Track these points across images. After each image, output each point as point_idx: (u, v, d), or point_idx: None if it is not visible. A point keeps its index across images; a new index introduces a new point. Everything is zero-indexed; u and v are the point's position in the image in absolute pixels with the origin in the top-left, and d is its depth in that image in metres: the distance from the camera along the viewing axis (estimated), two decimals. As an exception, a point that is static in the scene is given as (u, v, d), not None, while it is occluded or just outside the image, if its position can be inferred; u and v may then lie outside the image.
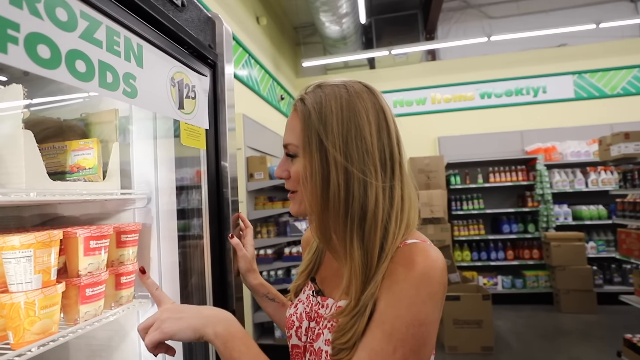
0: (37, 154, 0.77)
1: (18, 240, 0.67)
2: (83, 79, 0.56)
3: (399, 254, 0.60)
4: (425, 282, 0.56)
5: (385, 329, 0.56)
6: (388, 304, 0.57)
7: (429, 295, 0.56)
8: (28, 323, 0.68)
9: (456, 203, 4.97)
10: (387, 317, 0.56)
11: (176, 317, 0.62)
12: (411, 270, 0.57)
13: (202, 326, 0.61)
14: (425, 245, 0.60)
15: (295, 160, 0.70)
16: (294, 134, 0.69)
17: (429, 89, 5.69)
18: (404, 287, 0.56)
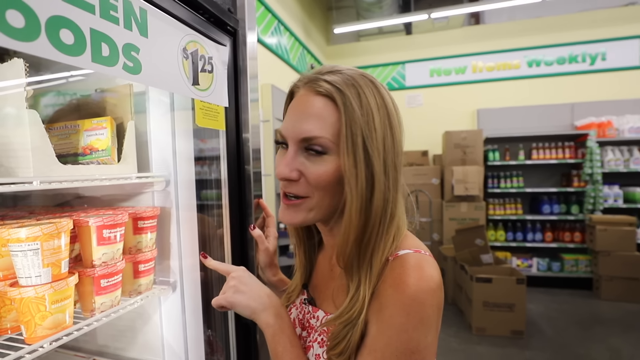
0: (44, 135, 0.71)
1: (24, 232, 0.62)
2: (71, 53, 0.47)
3: (389, 271, 0.55)
4: (415, 308, 0.51)
5: (377, 357, 0.53)
6: (378, 330, 0.54)
7: (421, 321, 0.51)
8: (39, 318, 0.65)
9: (493, 180, 4.68)
10: (377, 344, 0.53)
11: (240, 289, 0.65)
12: (401, 294, 0.52)
13: (259, 311, 0.63)
14: (420, 260, 0.55)
15: (321, 159, 0.57)
16: (324, 125, 0.56)
17: (470, 56, 5.24)
18: (393, 312, 0.52)
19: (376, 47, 5.64)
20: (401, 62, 5.51)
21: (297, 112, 0.58)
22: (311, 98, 0.57)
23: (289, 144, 0.59)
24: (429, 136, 5.23)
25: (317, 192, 0.58)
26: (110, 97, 0.93)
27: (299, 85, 0.61)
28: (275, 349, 0.62)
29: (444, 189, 4.61)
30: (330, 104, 0.56)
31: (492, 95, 5.16)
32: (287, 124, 0.59)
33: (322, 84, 0.57)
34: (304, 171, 0.57)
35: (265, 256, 0.86)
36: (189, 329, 0.98)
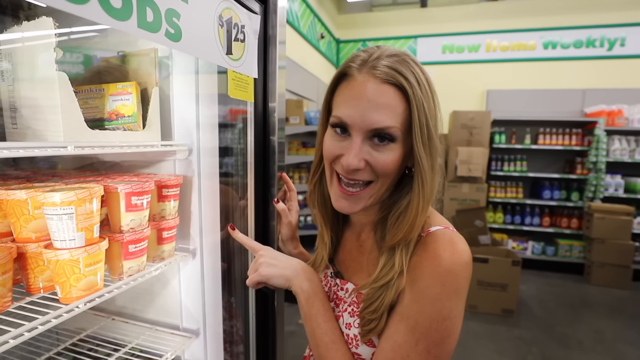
0: (73, 99, 0.70)
1: (59, 197, 0.63)
2: (119, 17, 0.45)
3: (423, 246, 0.59)
4: (450, 279, 0.55)
5: (409, 323, 0.57)
6: (412, 299, 0.57)
7: (455, 291, 0.56)
8: (74, 280, 0.66)
9: (497, 163, 4.69)
10: (411, 311, 0.57)
11: (271, 262, 0.69)
12: (437, 266, 0.56)
13: (293, 278, 0.67)
14: (452, 236, 0.59)
15: (388, 147, 0.58)
16: (394, 115, 0.56)
17: (484, 34, 5.08)
18: (429, 283, 0.56)
19: (389, 19, 5.44)
20: (414, 35, 5.34)
21: (364, 101, 0.56)
22: (378, 86, 0.56)
23: (354, 133, 0.58)
24: (436, 115, 5.15)
25: (381, 178, 0.60)
26: (134, 61, 0.91)
27: (355, 68, 0.59)
28: (309, 311, 0.65)
29: (447, 169, 4.61)
30: (399, 94, 0.56)
31: (504, 76, 5.06)
32: (353, 112, 0.57)
33: (386, 71, 0.56)
34: (370, 160, 0.59)
35: (288, 229, 0.88)
36: (207, 295, 1.01)
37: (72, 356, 0.98)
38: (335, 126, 0.61)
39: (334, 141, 0.62)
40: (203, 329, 1.02)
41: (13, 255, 0.64)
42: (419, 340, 0.56)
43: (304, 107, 3.26)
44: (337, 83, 0.63)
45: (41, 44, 0.68)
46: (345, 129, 0.60)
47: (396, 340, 0.57)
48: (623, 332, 3.10)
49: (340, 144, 0.60)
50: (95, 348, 1.02)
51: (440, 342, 0.56)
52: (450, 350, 0.57)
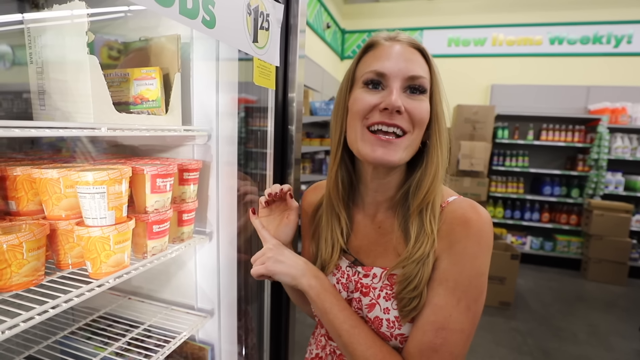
0: (103, 83, 0.72)
1: (92, 176, 0.65)
2: (164, 4, 0.47)
3: (448, 214, 0.63)
4: (483, 237, 0.60)
5: (449, 285, 0.60)
6: (451, 262, 0.60)
7: (487, 247, 0.61)
8: (104, 256, 0.69)
9: (499, 158, 4.71)
10: (450, 274, 0.60)
11: (279, 259, 0.69)
12: (470, 228, 0.60)
13: (299, 276, 0.68)
14: (471, 201, 0.64)
15: (421, 98, 0.63)
16: (422, 68, 0.62)
17: (491, 27, 5.05)
18: (466, 245, 0.60)
19: (395, 10, 5.40)
20: (420, 27, 5.31)
21: (397, 55, 0.62)
22: (405, 47, 0.63)
23: (391, 83, 0.61)
24: (440, 108, 5.16)
25: (416, 129, 0.63)
26: (156, 46, 0.92)
27: (382, 38, 0.66)
28: (323, 305, 0.66)
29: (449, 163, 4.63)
30: (421, 55, 0.64)
31: (509, 71, 5.05)
32: (386, 64, 0.61)
33: (409, 39, 0.64)
34: (408, 107, 0.61)
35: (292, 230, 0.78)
36: (222, 277, 1.05)
37: (89, 334, 1.02)
38: (368, 83, 0.64)
39: (368, 94, 0.63)
40: (217, 309, 1.06)
41: (46, 231, 0.66)
42: (460, 299, 0.59)
43: (309, 97, 3.26)
44: (363, 54, 0.67)
45: (72, 27, 0.70)
46: (379, 83, 0.63)
47: (437, 304, 0.60)
48: (617, 325, 3.17)
49: (376, 95, 0.63)
50: (111, 325, 1.05)
51: (477, 298, 0.60)
52: (483, 305, 0.61)
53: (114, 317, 1.10)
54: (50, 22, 0.72)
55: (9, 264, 0.61)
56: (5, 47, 0.97)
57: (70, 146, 1.13)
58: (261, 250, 0.72)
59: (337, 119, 0.70)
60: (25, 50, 0.77)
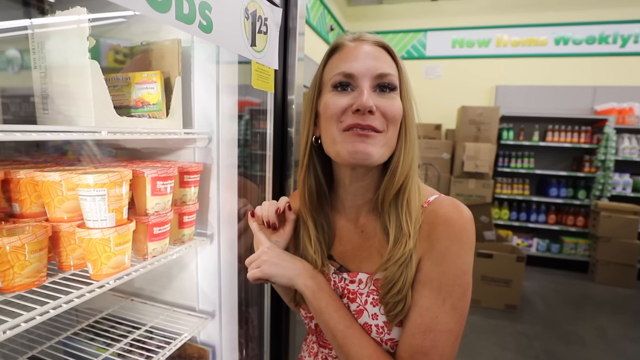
0: (104, 87, 0.73)
1: (92, 179, 0.66)
2: (159, 9, 0.48)
3: (430, 213, 0.63)
4: (465, 235, 0.60)
5: (434, 286, 0.60)
6: (434, 263, 0.60)
7: (469, 246, 0.61)
8: (105, 258, 0.70)
9: (504, 159, 4.68)
10: (433, 275, 0.60)
11: (274, 262, 0.69)
12: (451, 227, 0.60)
13: (295, 277, 0.68)
14: (452, 200, 0.64)
15: (391, 96, 0.62)
16: (390, 66, 0.62)
17: (495, 28, 5.03)
18: (447, 244, 0.60)
19: (398, 12, 5.41)
20: (423, 29, 5.30)
21: (363, 54, 0.62)
22: (371, 46, 0.63)
23: (360, 83, 0.61)
24: (444, 110, 5.15)
25: (391, 126, 0.62)
26: (157, 50, 0.94)
27: (347, 39, 0.66)
28: (319, 305, 0.65)
29: (454, 165, 4.62)
30: (388, 54, 0.64)
31: (514, 72, 5.01)
32: (354, 64, 0.61)
33: (375, 38, 0.64)
34: (380, 105, 0.61)
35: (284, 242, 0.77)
36: (223, 278, 1.05)
37: (92, 335, 1.03)
38: (336, 85, 0.63)
39: (338, 97, 0.62)
40: (219, 311, 1.06)
41: (49, 233, 0.68)
42: (445, 299, 0.59)
43: (313, 99, 3.27)
44: (329, 57, 0.66)
45: (74, 33, 0.71)
46: (348, 85, 0.62)
47: (423, 306, 0.60)
48: (626, 329, 3.12)
49: (347, 97, 0.62)
50: (114, 327, 1.06)
51: (462, 297, 0.59)
52: (469, 303, 0.61)
53: (117, 319, 1.11)
54: (53, 27, 0.74)
55: (12, 265, 0.62)
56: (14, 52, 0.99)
57: (75, 149, 1.15)
58: (256, 253, 0.72)
59: (305, 125, 0.69)
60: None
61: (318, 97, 0.67)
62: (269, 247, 0.72)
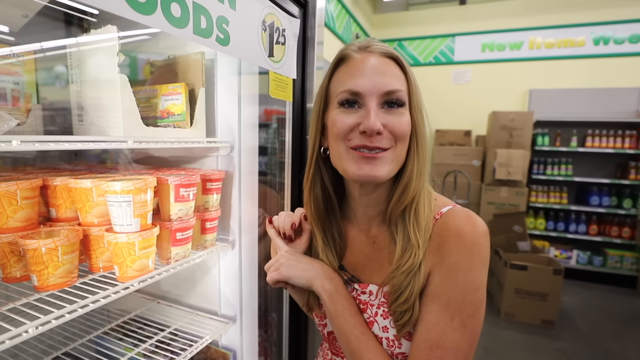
0: (132, 100, 0.77)
1: (119, 186, 0.70)
2: (178, 25, 0.51)
3: (441, 225, 0.61)
4: (477, 250, 0.57)
5: (442, 301, 0.58)
6: (443, 277, 0.58)
7: (482, 262, 0.58)
8: (130, 261, 0.74)
9: (539, 166, 4.46)
10: (442, 289, 0.58)
11: (292, 264, 0.69)
12: (463, 240, 0.58)
13: (313, 278, 0.67)
14: (466, 211, 0.61)
15: (400, 112, 0.60)
16: (399, 81, 0.60)
17: (528, 30, 4.85)
18: (458, 258, 0.57)
19: (426, 17, 5.34)
20: (451, 34, 5.20)
21: (370, 70, 0.59)
22: (379, 58, 0.60)
23: (367, 101, 0.59)
24: (474, 115, 5.00)
25: (399, 143, 0.60)
26: (183, 63, 0.99)
27: (352, 51, 0.63)
28: (335, 309, 0.65)
29: (485, 172, 4.46)
30: (397, 65, 0.61)
31: (548, 75, 4.79)
32: (362, 80, 0.59)
33: (383, 49, 0.61)
34: (388, 124, 0.59)
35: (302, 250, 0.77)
36: (244, 284, 1.07)
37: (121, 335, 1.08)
38: (343, 103, 0.61)
39: (345, 115, 0.60)
40: (240, 316, 1.08)
41: (80, 236, 0.72)
42: (454, 315, 0.56)
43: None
44: (335, 69, 0.64)
45: (106, 49, 0.76)
46: (354, 102, 0.60)
47: (429, 321, 0.57)
48: (680, 352, 2.85)
49: (353, 115, 0.60)
50: (142, 328, 1.11)
51: (473, 314, 0.57)
52: (482, 321, 0.58)
53: (144, 320, 1.16)
54: (88, 45, 0.80)
55: (46, 266, 0.67)
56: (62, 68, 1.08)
57: (109, 157, 1.22)
58: (274, 257, 0.72)
59: (312, 136, 0.68)
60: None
61: (325, 110, 0.66)
62: (287, 251, 0.72)
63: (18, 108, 0.81)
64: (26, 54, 0.79)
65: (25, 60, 0.78)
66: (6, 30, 0.80)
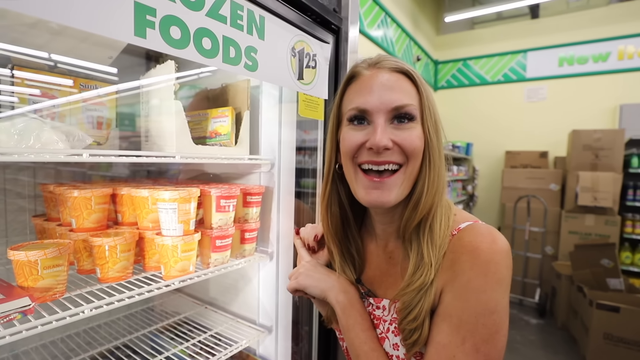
0: (184, 122, 0.90)
1: (167, 194, 0.81)
2: (208, 56, 0.59)
3: (456, 242, 0.58)
4: (492, 268, 0.53)
5: (453, 322, 0.54)
6: (455, 296, 0.55)
7: (498, 282, 0.53)
8: (173, 262, 0.84)
9: (635, 192, 3.85)
10: (454, 309, 0.55)
11: (310, 274, 0.71)
12: (477, 258, 0.54)
13: (328, 290, 0.69)
14: (486, 227, 0.58)
15: (410, 126, 0.59)
16: (408, 95, 0.59)
17: (616, 40, 4.34)
18: (470, 276, 0.54)
19: (493, 35, 5.12)
20: (522, 50, 4.89)
21: (378, 86, 0.59)
22: (388, 73, 0.60)
23: (375, 117, 0.59)
24: (551, 135, 4.56)
25: (411, 159, 0.59)
26: (232, 90, 1.11)
27: (362, 67, 0.63)
28: (347, 322, 0.65)
29: (565, 197, 3.99)
30: (408, 79, 0.61)
31: (644, 88, 4.20)
32: (370, 97, 0.59)
33: (393, 63, 0.61)
34: (397, 139, 0.58)
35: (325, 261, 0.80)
36: (280, 296, 1.12)
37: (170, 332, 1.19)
38: (352, 119, 0.61)
39: (354, 132, 0.61)
40: (275, 327, 1.12)
41: (135, 238, 0.84)
42: (465, 338, 0.53)
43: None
44: (346, 87, 0.65)
45: (166, 81, 0.90)
46: (363, 119, 0.60)
47: (440, 342, 0.55)
48: None
49: (362, 132, 0.60)
50: (188, 328, 1.21)
51: (489, 339, 0.52)
52: (501, 349, 0.53)
53: (192, 322, 1.26)
54: (153, 78, 0.95)
55: (107, 261, 0.79)
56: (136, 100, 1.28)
57: (174, 174, 1.40)
58: (297, 266, 0.76)
59: (328, 154, 0.70)
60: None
61: (338, 127, 0.67)
62: (308, 262, 0.75)
63: (100, 131, 0.99)
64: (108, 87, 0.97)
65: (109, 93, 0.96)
66: (97, 67, 0.99)
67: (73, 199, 0.82)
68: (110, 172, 1.27)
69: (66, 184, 0.97)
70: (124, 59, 1.06)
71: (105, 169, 1.26)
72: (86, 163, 1.16)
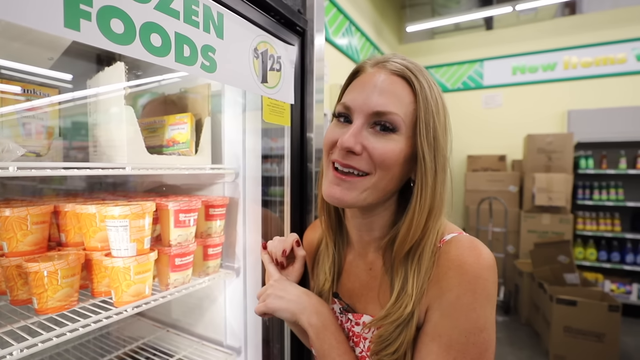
0: (137, 130, 0.81)
1: (117, 210, 0.73)
2: (158, 54, 0.53)
3: (442, 255, 0.55)
4: (481, 285, 0.52)
5: (442, 342, 0.52)
6: (443, 315, 0.53)
7: (487, 298, 0.52)
8: (125, 286, 0.75)
9: (584, 191, 4.12)
10: (443, 329, 0.52)
11: (279, 295, 0.65)
12: (464, 274, 0.52)
13: (299, 312, 0.63)
14: (471, 240, 0.55)
15: (388, 137, 0.55)
16: (399, 103, 0.54)
17: (561, 51, 4.68)
18: (459, 293, 0.52)
19: (452, 45, 5.35)
20: (479, 59, 5.14)
21: (370, 86, 0.56)
22: (385, 75, 0.56)
23: (355, 117, 0.56)
24: (508, 139, 4.81)
25: (379, 170, 0.55)
26: (192, 95, 1.04)
27: (368, 64, 0.60)
28: (321, 347, 0.60)
29: (523, 198, 4.20)
30: (406, 85, 0.56)
31: (587, 95, 4.54)
32: (356, 96, 0.56)
33: (398, 65, 0.57)
34: (368, 146, 0.54)
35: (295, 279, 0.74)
36: (248, 313, 1.05)
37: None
38: (339, 115, 0.59)
39: (335, 128, 0.59)
40: (244, 347, 1.05)
41: (80, 260, 0.74)
42: (456, 359, 0.51)
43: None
44: (350, 81, 0.62)
45: (114, 85, 0.82)
46: (348, 117, 0.58)
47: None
48: None
49: (342, 130, 0.57)
50: (147, 355, 1.10)
51: (479, 357, 0.51)
52: None
53: (152, 348, 1.15)
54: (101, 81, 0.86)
55: (46, 289, 0.69)
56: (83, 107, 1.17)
57: (128, 187, 1.28)
58: (265, 285, 0.70)
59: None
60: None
61: None
62: (276, 280, 0.69)
63: (40, 141, 0.88)
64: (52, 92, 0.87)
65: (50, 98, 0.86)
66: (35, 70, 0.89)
67: (4, 219, 0.71)
68: (64, 185, 1.15)
69: (11, 199, 0.85)
70: (68, 61, 0.96)
71: (58, 182, 1.13)
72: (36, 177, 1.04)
